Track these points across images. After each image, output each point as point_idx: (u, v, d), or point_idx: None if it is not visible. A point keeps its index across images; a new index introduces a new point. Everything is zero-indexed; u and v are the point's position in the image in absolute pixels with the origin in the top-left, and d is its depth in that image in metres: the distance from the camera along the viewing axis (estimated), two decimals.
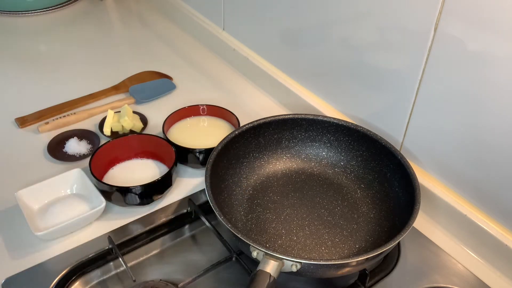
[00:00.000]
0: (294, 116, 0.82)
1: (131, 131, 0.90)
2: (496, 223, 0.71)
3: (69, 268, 0.68)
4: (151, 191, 0.76)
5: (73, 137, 0.88)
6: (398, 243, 0.73)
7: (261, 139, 0.81)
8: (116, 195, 0.75)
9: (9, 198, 0.76)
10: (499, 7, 0.59)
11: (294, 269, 0.59)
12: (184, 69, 1.12)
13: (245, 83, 1.08)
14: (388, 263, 0.72)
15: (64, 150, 0.86)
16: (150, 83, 1.04)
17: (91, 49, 1.18)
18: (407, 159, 0.73)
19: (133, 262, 0.73)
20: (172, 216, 0.77)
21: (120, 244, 0.72)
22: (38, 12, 1.31)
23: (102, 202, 0.73)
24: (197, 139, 0.86)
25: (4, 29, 1.25)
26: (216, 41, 1.14)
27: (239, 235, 0.61)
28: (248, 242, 0.61)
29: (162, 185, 0.77)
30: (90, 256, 0.70)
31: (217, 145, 0.74)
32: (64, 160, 0.85)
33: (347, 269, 0.63)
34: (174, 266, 0.72)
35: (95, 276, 0.71)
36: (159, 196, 0.78)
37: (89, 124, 0.94)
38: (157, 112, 0.96)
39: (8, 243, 0.71)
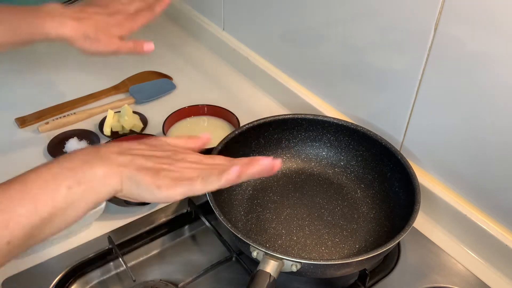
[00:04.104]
0: (294, 116, 0.82)
1: (131, 131, 0.90)
2: (496, 223, 0.71)
3: (69, 268, 0.68)
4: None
5: (73, 137, 0.88)
6: (398, 243, 0.73)
7: (261, 139, 0.81)
8: None
9: None
10: (499, 7, 0.59)
11: (294, 269, 0.59)
12: (184, 69, 1.12)
13: (245, 83, 1.08)
14: (388, 263, 0.72)
15: (64, 150, 0.86)
16: (150, 83, 1.04)
17: None
18: (407, 159, 0.73)
19: (133, 262, 0.73)
20: (172, 216, 0.77)
21: (120, 244, 0.72)
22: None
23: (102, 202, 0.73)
24: None
25: None
26: (216, 41, 1.14)
27: (239, 235, 0.61)
28: (248, 242, 0.61)
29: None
30: (90, 256, 0.70)
31: (217, 145, 0.74)
32: None
33: (347, 269, 0.63)
34: (174, 266, 0.72)
35: (95, 276, 0.71)
36: None
37: (89, 124, 0.94)
38: (157, 112, 0.96)
39: None
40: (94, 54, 0.72)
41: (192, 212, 0.78)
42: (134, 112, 0.94)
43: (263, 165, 0.53)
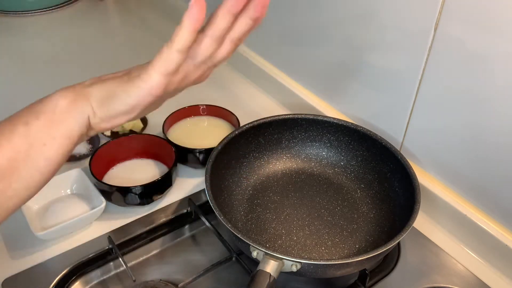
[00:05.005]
0: (294, 116, 0.82)
1: (131, 131, 0.90)
2: (496, 223, 0.71)
3: (69, 268, 0.68)
4: (151, 191, 0.76)
5: None
6: (398, 243, 0.73)
7: (261, 139, 0.81)
8: (116, 195, 0.75)
9: None
10: (499, 7, 0.59)
11: (294, 269, 0.59)
12: None
13: (245, 83, 1.08)
14: (388, 263, 0.72)
15: None
16: None
17: (91, 49, 1.18)
18: (407, 159, 0.73)
19: (133, 262, 0.73)
20: (172, 216, 0.77)
21: (120, 244, 0.72)
22: (38, 12, 1.31)
23: (102, 202, 0.73)
24: (197, 139, 0.86)
25: (4, 29, 1.25)
26: None
27: (239, 235, 0.61)
28: (248, 242, 0.61)
29: (162, 185, 0.77)
30: (90, 256, 0.70)
31: (217, 145, 0.74)
32: None
33: (347, 269, 0.63)
34: (174, 266, 0.72)
35: (95, 276, 0.71)
36: (159, 196, 0.78)
37: None
38: (157, 112, 0.95)
39: (8, 243, 0.71)
40: None
41: (192, 212, 0.78)
42: None
43: None
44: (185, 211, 0.78)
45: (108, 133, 0.90)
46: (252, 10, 0.46)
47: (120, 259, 0.69)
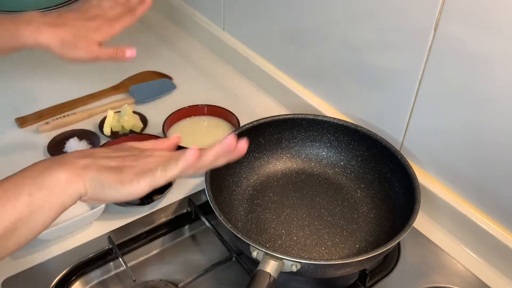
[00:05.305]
0: (294, 116, 0.82)
1: (131, 131, 0.90)
2: (496, 223, 0.71)
3: (69, 268, 0.68)
4: (151, 191, 0.76)
5: (73, 137, 0.88)
6: (398, 243, 0.73)
7: (261, 139, 0.81)
8: None
9: None
10: (499, 7, 0.59)
11: (294, 269, 0.59)
12: (184, 69, 1.12)
13: (245, 83, 1.08)
14: (388, 263, 0.72)
15: (64, 150, 0.86)
16: (150, 83, 1.04)
17: None
18: (407, 159, 0.73)
19: (133, 262, 0.73)
20: (172, 216, 0.77)
21: (120, 244, 0.72)
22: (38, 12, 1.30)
23: None
24: (197, 139, 0.86)
25: None
26: (216, 41, 1.14)
27: (239, 235, 0.61)
28: (248, 242, 0.61)
29: (162, 185, 0.77)
30: (90, 256, 0.70)
31: None
32: None
33: (347, 269, 0.63)
34: (174, 266, 0.72)
35: (95, 276, 0.71)
36: (159, 196, 0.78)
37: (89, 124, 0.94)
38: (157, 112, 0.96)
39: None
40: (74, 61, 0.71)
41: (192, 212, 0.78)
42: (134, 112, 0.94)
43: (224, 144, 0.53)
44: (185, 211, 0.78)
45: (108, 133, 0.90)
46: (233, 154, 0.55)
47: (120, 259, 0.69)
